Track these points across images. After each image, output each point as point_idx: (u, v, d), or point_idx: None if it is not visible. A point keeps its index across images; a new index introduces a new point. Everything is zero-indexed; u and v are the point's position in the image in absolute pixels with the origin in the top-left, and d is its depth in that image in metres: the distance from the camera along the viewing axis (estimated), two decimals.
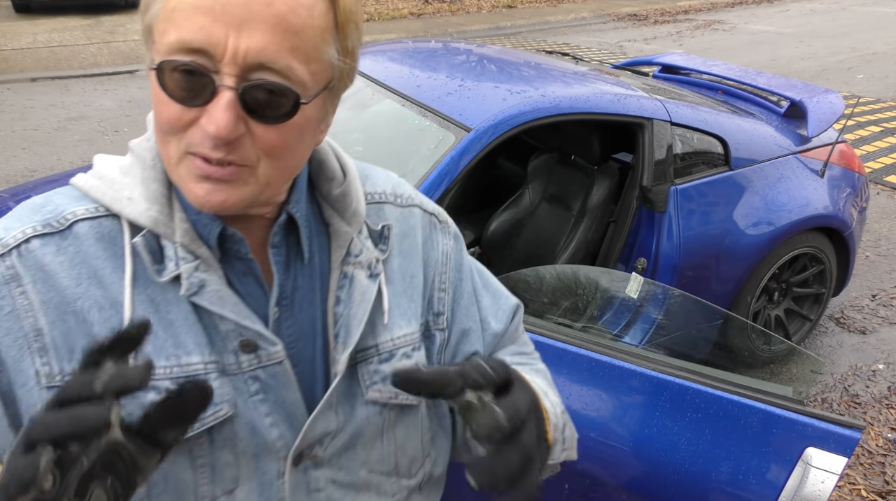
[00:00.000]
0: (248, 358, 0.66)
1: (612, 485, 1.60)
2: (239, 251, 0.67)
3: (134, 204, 0.65)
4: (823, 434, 1.39)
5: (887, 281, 3.77)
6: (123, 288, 0.63)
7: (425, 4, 11.77)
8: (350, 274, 0.73)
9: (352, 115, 2.50)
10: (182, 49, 0.56)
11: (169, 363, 0.64)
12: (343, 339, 0.72)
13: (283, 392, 0.68)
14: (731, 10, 12.27)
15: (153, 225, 0.64)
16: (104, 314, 0.63)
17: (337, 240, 0.73)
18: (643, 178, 2.39)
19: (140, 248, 0.64)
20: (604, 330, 2.14)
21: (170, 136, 0.60)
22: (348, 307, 0.72)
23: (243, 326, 0.65)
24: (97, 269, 0.63)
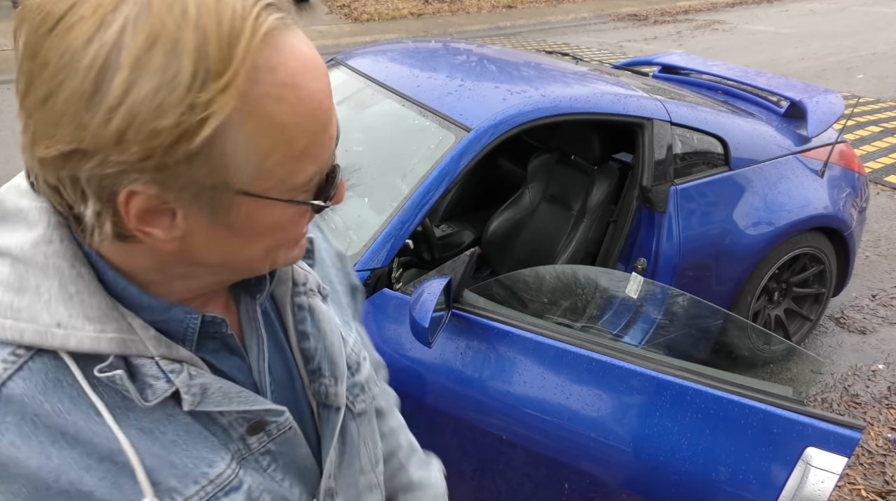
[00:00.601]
0: (256, 438, 0.62)
1: (612, 485, 1.61)
2: (216, 333, 0.60)
3: (73, 330, 0.50)
4: (823, 434, 1.39)
5: (887, 281, 3.77)
6: (107, 433, 0.52)
7: (425, 4, 11.77)
8: (306, 304, 0.68)
9: (352, 115, 2.50)
10: (319, 174, 0.54)
11: (200, 485, 0.56)
12: (330, 372, 0.69)
13: (294, 452, 0.66)
14: (731, 10, 12.27)
15: (119, 348, 0.52)
16: (98, 472, 0.51)
17: (276, 274, 0.67)
18: (643, 178, 2.39)
19: (120, 381, 0.52)
20: (604, 330, 2.14)
21: (289, 245, 0.58)
22: (321, 340, 0.69)
23: (251, 411, 0.60)
24: (63, 428, 0.50)
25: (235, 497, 0.58)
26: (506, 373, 1.70)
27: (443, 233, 3.07)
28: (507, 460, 1.72)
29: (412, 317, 1.60)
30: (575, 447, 1.62)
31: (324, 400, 0.70)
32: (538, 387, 1.66)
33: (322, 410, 0.70)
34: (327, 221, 2.10)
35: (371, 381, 0.79)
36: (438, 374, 1.76)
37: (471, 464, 1.80)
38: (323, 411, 0.70)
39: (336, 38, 9.12)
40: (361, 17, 10.64)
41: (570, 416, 1.62)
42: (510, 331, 1.70)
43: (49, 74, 0.43)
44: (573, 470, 1.63)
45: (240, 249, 0.54)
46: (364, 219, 2.04)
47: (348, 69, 2.70)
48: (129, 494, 0.52)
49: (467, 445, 1.77)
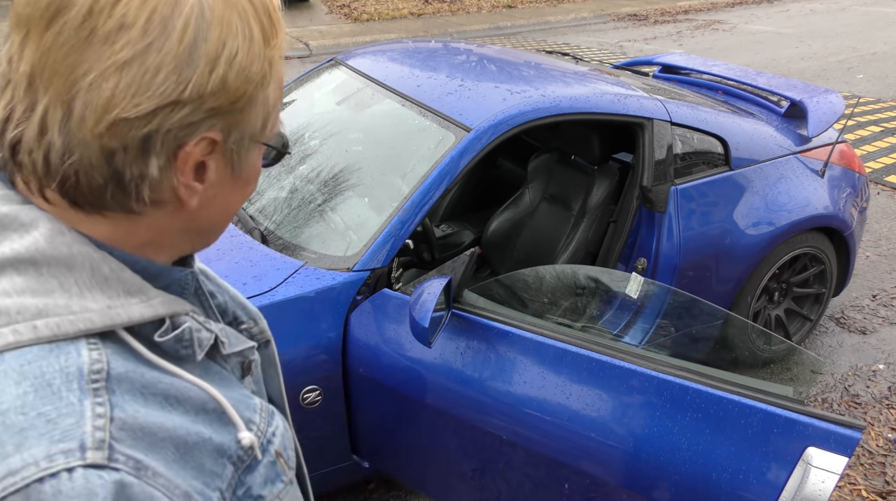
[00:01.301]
0: (247, 380, 0.68)
1: (612, 485, 1.60)
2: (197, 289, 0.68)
3: (125, 307, 0.52)
4: (824, 434, 1.39)
5: (887, 281, 3.77)
6: (192, 389, 0.55)
7: (425, 4, 11.77)
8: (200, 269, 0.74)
9: (352, 115, 2.50)
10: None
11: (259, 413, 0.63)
12: (247, 316, 0.77)
13: (261, 392, 0.74)
14: (731, 10, 12.27)
15: (171, 308, 0.56)
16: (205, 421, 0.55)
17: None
18: (643, 178, 2.39)
19: (188, 335, 0.56)
20: (604, 330, 2.14)
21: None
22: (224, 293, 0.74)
23: (245, 350, 0.67)
24: (165, 391, 0.53)
25: (276, 420, 0.65)
26: (506, 373, 1.69)
27: (443, 233, 3.07)
28: (507, 460, 1.72)
29: (412, 317, 1.60)
30: (575, 447, 1.62)
31: (261, 338, 0.77)
32: (538, 387, 1.66)
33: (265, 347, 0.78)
34: (328, 221, 2.10)
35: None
36: (438, 374, 1.76)
37: (471, 464, 1.80)
38: (266, 348, 0.78)
39: (336, 38, 9.12)
40: (361, 17, 10.64)
41: (570, 416, 1.62)
42: (510, 331, 1.70)
43: (132, 38, 0.47)
44: (573, 470, 1.63)
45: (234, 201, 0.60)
46: (364, 219, 2.04)
47: (348, 69, 2.70)
48: (226, 435, 0.56)
49: (467, 445, 1.77)
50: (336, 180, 2.24)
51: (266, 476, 0.60)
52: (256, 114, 0.56)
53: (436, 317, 1.61)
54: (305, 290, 1.81)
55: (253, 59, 0.52)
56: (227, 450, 0.56)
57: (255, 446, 0.59)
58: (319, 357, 1.82)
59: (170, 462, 0.49)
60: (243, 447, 0.57)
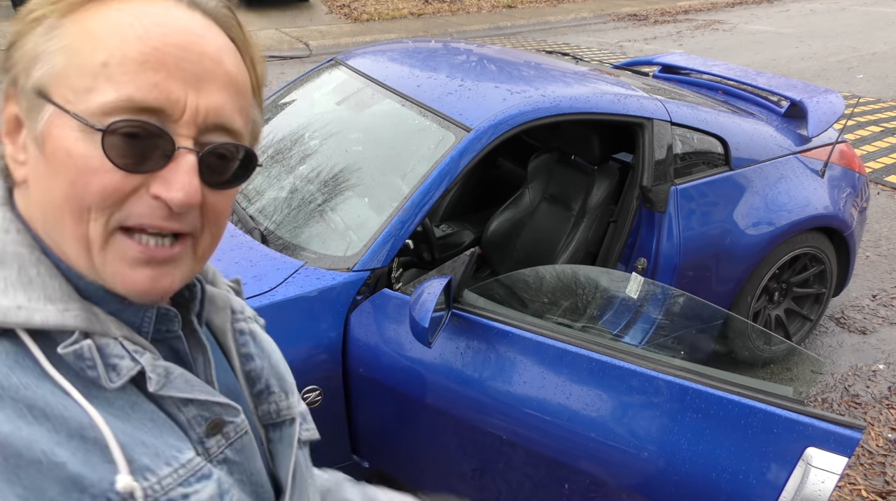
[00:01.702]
0: (215, 441, 0.61)
1: (611, 485, 1.60)
2: (168, 331, 0.61)
3: (36, 310, 0.52)
4: (824, 434, 1.39)
5: (887, 281, 3.77)
6: (76, 410, 0.51)
7: (425, 4, 11.77)
8: (247, 329, 0.72)
9: (352, 115, 2.50)
10: (131, 108, 0.50)
11: (173, 467, 0.55)
12: (280, 387, 0.71)
13: (250, 464, 0.65)
14: (731, 10, 12.27)
15: (85, 324, 0.53)
16: (69, 447, 0.50)
17: (213, 304, 0.70)
18: (643, 178, 2.39)
19: (87, 353, 0.53)
20: (604, 330, 2.14)
21: (95, 213, 0.51)
22: (265, 358, 0.72)
23: (210, 404, 0.60)
24: (31, 401, 0.50)
25: (208, 485, 0.57)
26: (506, 373, 1.69)
27: (443, 233, 3.07)
28: (507, 460, 1.72)
29: (412, 317, 1.60)
30: (575, 447, 1.62)
31: (275, 418, 0.70)
32: (538, 387, 1.66)
33: (273, 431, 0.70)
34: (328, 221, 2.11)
35: (309, 417, 0.78)
36: (438, 374, 1.76)
37: (471, 464, 1.80)
38: (274, 432, 0.70)
39: (336, 38, 9.12)
40: (361, 17, 10.64)
41: (570, 416, 1.62)
42: (510, 331, 1.70)
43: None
44: (573, 470, 1.63)
45: (47, 186, 0.52)
46: (364, 219, 2.04)
47: (348, 69, 2.70)
48: (101, 471, 0.51)
49: (467, 445, 1.77)
50: (336, 180, 2.23)
51: None
52: (47, 71, 0.50)
53: (436, 317, 1.61)
54: (305, 290, 1.81)
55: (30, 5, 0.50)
56: (89, 487, 0.50)
57: (136, 495, 0.52)
58: (319, 357, 1.82)
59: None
60: (118, 491, 0.51)
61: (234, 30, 0.58)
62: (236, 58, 0.57)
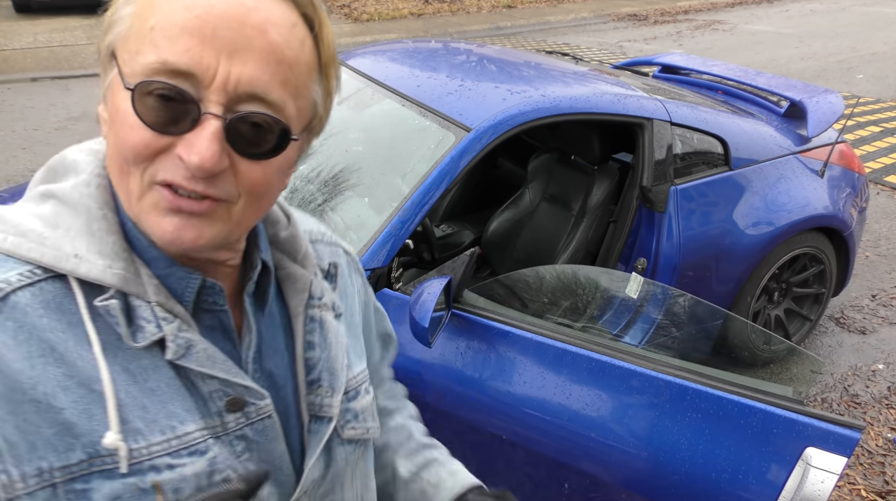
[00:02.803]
0: (234, 417, 0.62)
1: (611, 485, 1.61)
2: (215, 303, 0.62)
3: (86, 261, 0.56)
4: (823, 434, 1.39)
5: (887, 281, 3.77)
6: (92, 362, 0.54)
7: (425, 4, 11.77)
8: (318, 317, 0.71)
9: (352, 115, 2.50)
10: (164, 71, 0.52)
11: (166, 437, 0.57)
12: (329, 383, 0.71)
13: (271, 446, 0.65)
14: (731, 10, 12.27)
15: (122, 284, 0.56)
16: (74, 395, 0.53)
17: (292, 284, 0.70)
18: (643, 178, 2.39)
19: (113, 311, 0.56)
20: (604, 330, 2.14)
21: (133, 167, 0.54)
22: (326, 350, 0.71)
23: (231, 383, 0.61)
24: (53, 344, 0.53)
25: (198, 461, 0.58)
26: (506, 373, 1.70)
27: (443, 233, 3.07)
28: (507, 460, 1.72)
29: (412, 317, 1.60)
30: (575, 447, 1.62)
31: (318, 411, 0.70)
32: (538, 387, 1.66)
33: (313, 423, 0.70)
34: (328, 221, 2.11)
35: (369, 415, 0.78)
36: (438, 374, 1.76)
37: (471, 464, 1.80)
38: (314, 424, 0.70)
39: (336, 38, 9.05)
40: (361, 17, 10.64)
41: (570, 416, 1.62)
42: (510, 331, 1.70)
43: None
44: (573, 470, 1.63)
45: (109, 141, 0.57)
46: (364, 218, 2.04)
47: (348, 69, 2.70)
48: (96, 424, 0.54)
49: (467, 445, 1.77)
50: (336, 180, 2.24)
51: (121, 495, 0.54)
52: (118, 33, 0.55)
53: (436, 317, 1.62)
54: None
55: None
56: (81, 435, 0.53)
57: (120, 454, 0.54)
58: None
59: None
60: (105, 446, 0.53)
61: (306, 6, 0.59)
62: (291, 31, 0.56)
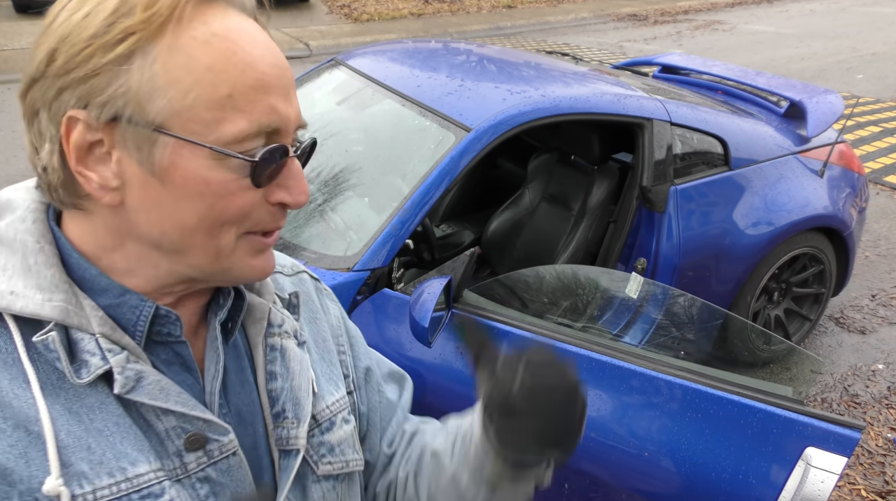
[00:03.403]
0: (195, 456, 0.58)
1: (612, 485, 1.61)
2: (170, 334, 0.60)
3: (22, 297, 0.53)
4: (823, 434, 1.39)
5: (887, 281, 3.77)
6: (29, 401, 0.51)
7: (425, 4, 11.77)
8: (278, 345, 0.68)
9: (352, 115, 2.50)
10: (259, 134, 0.54)
11: (114, 479, 0.53)
12: (293, 414, 0.67)
13: (237, 488, 0.61)
14: (731, 10, 12.27)
15: (62, 316, 0.54)
16: (9, 438, 0.50)
17: (251, 314, 0.68)
18: (643, 178, 2.39)
19: (52, 346, 0.53)
20: (604, 330, 2.14)
21: (228, 227, 0.56)
22: (288, 380, 0.68)
23: (189, 418, 0.57)
24: None
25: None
26: None
27: (443, 233, 3.07)
28: None
29: (412, 317, 1.60)
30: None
31: (284, 445, 0.67)
32: None
33: (283, 458, 0.67)
34: (328, 221, 2.11)
35: (348, 447, 0.74)
36: (438, 374, 1.76)
37: None
38: (283, 459, 0.67)
39: (336, 38, 9.12)
40: (361, 17, 10.64)
41: None
42: (510, 331, 1.71)
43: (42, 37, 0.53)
44: (573, 470, 1.63)
45: (172, 211, 0.54)
46: (364, 219, 2.04)
47: (348, 69, 2.70)
48: (35, 469, 0.50)
49: None
50: (336, 180, 2.24)
51: None
52: (130, 89, 0.50)
53: (436, 317, 1.62)
54: None
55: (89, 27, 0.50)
56: (17, 482, 0.50)
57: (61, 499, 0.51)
58: None
59: None
60: (44, 492, 0.50)
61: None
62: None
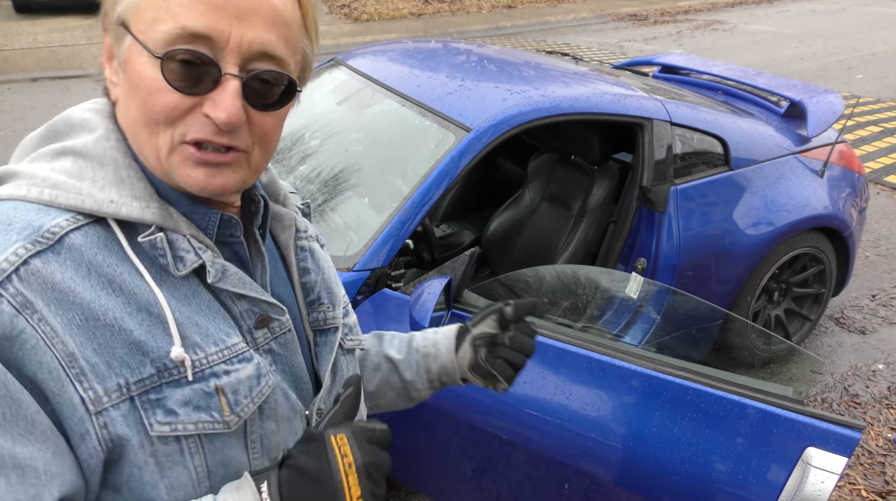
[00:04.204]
0: (262, 333, 0.71)
1: (612, 485, 1.61)
2: (232, 236, 0.71)
3: (124, 205, 0.63)
4: (823, 434, 1.39)
5: (887, 281, 3.77)
6: (147, 289, 0.62)
7: (425, 4, 11.77)
8: (307, 247, 0.83)
9: (352, 115, 2.50)
10: (184, 36, 0.58)
11: (219, 347, 0.66)
12: (328, 299, 0.82)
13: (292, 357, 0.75)
14: (731, 10, 12.26)
15: (161, 220, 0.64)
16: (137, 318, 0.61)
17: (279, 221, 0.81)
18: (643, 178, 2.39)
19: (159, 244, 0.64)
20: (604, 330, 2.14)
21: (162, 127, 0.61)
22: (319, 274, 0.82)
23: (258, 302, 0.70)
24: (111, 277, 0.61)
25: (247, 367, 0.67)
26: None
27: (443, 233, 3.07)
28: (507, 460, 1.72)
29: (412, 317, 1.60)
30: (575, 447, 1.62)
31: (322, 325, 0.81)
32: (538, 387, 1.66)
33: (319, 336, 0.81)
34: (328, 221, 2.11)
35: (358, 329, 0.91)
36: None
37: (471, 464, 1.80)
38: (320, 337, 0.81)
39: (336, 38, 9.12)
40: (361, 17, 10.64)
41: (570, 416, 1.62)
42: None
43: None
44: (573, 470, 1.63)
45: (129, 105, 0.63)
46: (364, 219, 2.04)
47: (348, 69, 2.70)
48: (160, 341, 0.62)
49: (467, 445, 1.77)
50: (336, 180, 2.24)
51: (190, 400, 0.63)
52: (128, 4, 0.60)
53: (436, 317, 1.62)
54: None
55: None
56: (149, 352, 0.61)
57: (186, 365, 0.63)
58: None
59: (70, 324, 0.58)
60: (172, 359, 0.62)
61: None
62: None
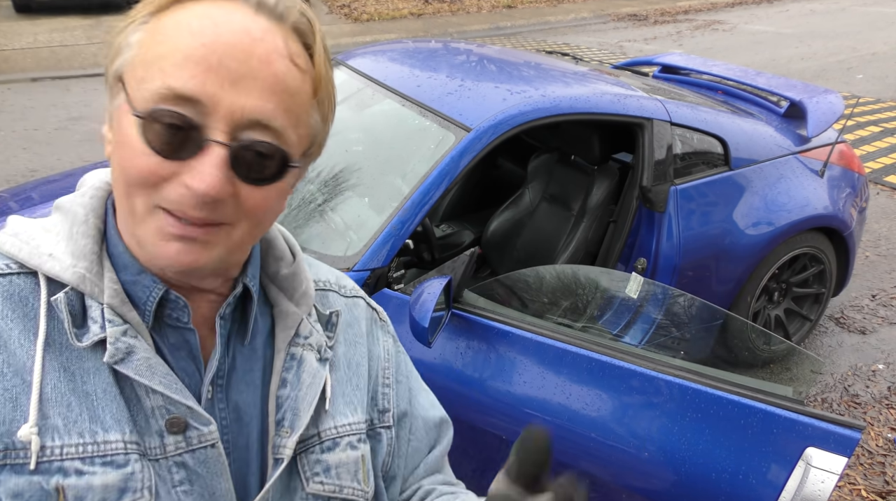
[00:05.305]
0: (174, 439, 0.60)
1: (612, 485, 1.61)
2: (178, 319, 0.62)
3: (55, 260, 0.59)
4: (823, 434, 1.39)
5: (887, 281, 3.77)
6: (31, 352, 0.56)
7: (425, 4, 11.77)
8: (299, 355, 0.69)
9: (352, 115, 2.50)
10: (170, 97, 0.53)
11: (83, 440, 0.56)
12: (290, 423, 0.67)
13: (213, 481, 0.62)
14: (731, 10, 12.27)
15: (78, 282, 0.59)
16: (6, 382, 0.55)
17: (283, 320, 0.70)
18: (643, 178, 2.39)
19: (60, 307, 0.58)
20: (604, 330, 2.14)
21: (138, 191, 0.56)
22: (296, 389, 0.68)
23: (173, 401, 0.59)
24: (1, 331, 0.56)
25: (109, 473, 0.56)
26: (506, 373, 1.70)
27: (443, 233, 3.07)
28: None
29: (412, 317, 1.60)
30: (575, 447, 1.62)
31: (274, 453, 0.67)
32: (538, 387, 1.66)
33: (275, 465, 0.67)
34: (328, 221, 2.11)
35: (347, 474, 0.71)
36: (438, 374, 1.76)
37: (471, 464, 1.80)
38: (275, 466, 0.66)
39: (336, 38, 9.12)
40: (361, 17, 10.64)
41: (570, 416, 1.62)
42: (510, 331, 1.70)
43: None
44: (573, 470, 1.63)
45: (113, 164, 0.59)
46: (364, 219, 2.04)
47: (348, 69, 2.70)
48: (20, 414, 0.55)
49: (467, 445, 1.77)
50: (336, 180, 2.24)
51: (23, 492, 0.53)
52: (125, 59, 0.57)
53: (436, 317, 1.62)
54: None
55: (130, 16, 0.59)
56: (3, 423, 0.54)
57: (31, 449, 0.54)
58: None
59: None
60: (18, 438, 0.54)
61: (307, 35, 0.60)
62: (295, 61, 0.58)
